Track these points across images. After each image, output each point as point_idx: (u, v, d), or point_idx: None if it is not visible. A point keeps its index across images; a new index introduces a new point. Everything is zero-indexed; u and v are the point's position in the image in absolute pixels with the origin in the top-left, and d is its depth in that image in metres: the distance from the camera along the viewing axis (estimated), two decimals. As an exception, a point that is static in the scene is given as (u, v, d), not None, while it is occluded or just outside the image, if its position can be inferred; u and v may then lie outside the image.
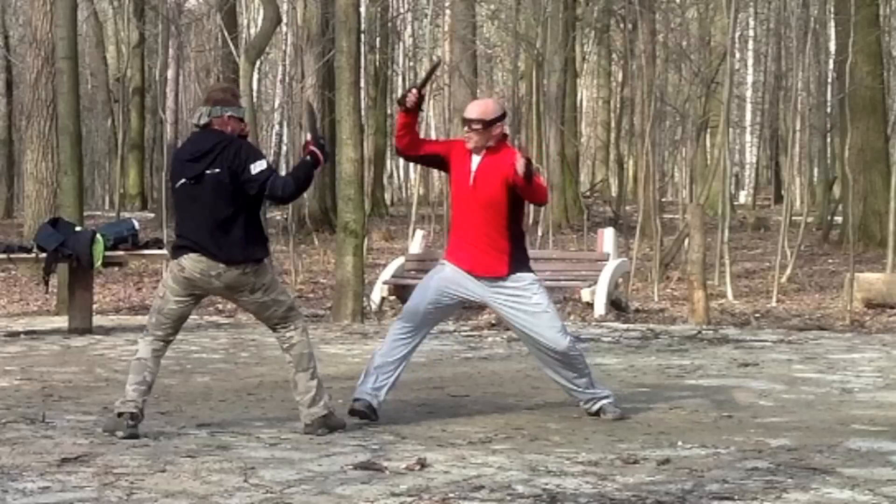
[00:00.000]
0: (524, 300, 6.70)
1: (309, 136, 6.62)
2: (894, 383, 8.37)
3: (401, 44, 35.46)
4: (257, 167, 6.25)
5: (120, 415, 6.25)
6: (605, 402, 6.90)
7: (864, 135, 21.42)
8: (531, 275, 6.78)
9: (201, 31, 31.83)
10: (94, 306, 12.23)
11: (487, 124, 6.67)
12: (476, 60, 31.34)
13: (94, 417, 6.83)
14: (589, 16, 30.25)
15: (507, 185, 6.62)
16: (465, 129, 6.74)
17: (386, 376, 6.74)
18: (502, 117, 6.77)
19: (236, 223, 6.27)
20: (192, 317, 13.42)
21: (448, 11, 29.99)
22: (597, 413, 6.88)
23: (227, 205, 6.26)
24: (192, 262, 6.31)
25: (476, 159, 6.73)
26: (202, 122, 6.37)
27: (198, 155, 6.33)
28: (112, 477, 5.25)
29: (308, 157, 6.45)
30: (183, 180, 6.35)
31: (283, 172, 6.75)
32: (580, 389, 6.88)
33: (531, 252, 16.75)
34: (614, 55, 33.76)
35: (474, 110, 6.77)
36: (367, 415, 6.62)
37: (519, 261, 6.75)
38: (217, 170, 6.25)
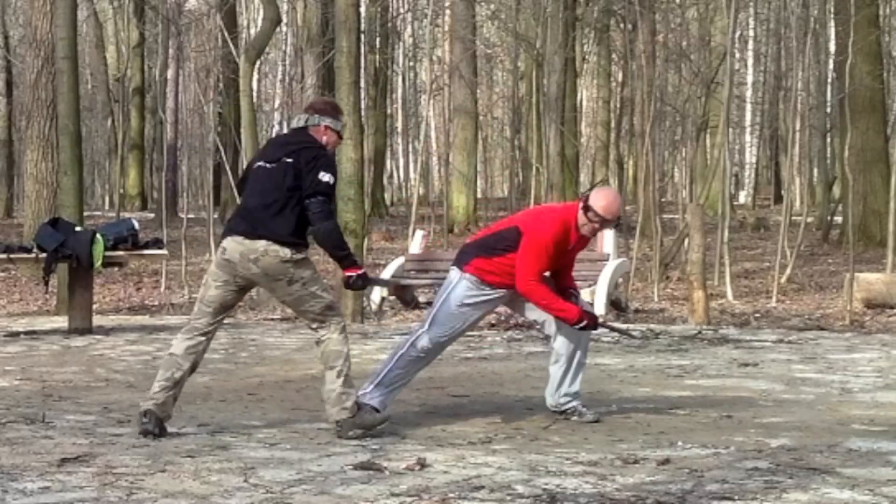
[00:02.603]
0: None
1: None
2: (894, 383, 8.37)
3: (401, 44, 35.50)
4: (325, 176, 6.34)
5: (143, 412, 6.28)
6: (576, 402, 6.87)
7: (864, 135, 21.42)
8: None
9: (201, 31, 31.82)
10: (94, 306, 12.23)
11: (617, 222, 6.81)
12: (476, 60, 31.34)
13: (94, 417, 6.83)
14: (589, 16, 30.23)
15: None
16: (597, 225, 6.67)
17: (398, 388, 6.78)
18: None
19: (291, 211, 6.31)
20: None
21: (448, 11, 30.01)
22: (564, 413, 6.84)
23: (289, 192, 6.31)
24: (233, 244, 6.34)
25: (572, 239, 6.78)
26: (299, 125, 6.56)
27: (282, 144, 6.57)
28: (112, 477, 5.25)
29: (350, 265, 6.52)
30: (260, 162, 6.49)
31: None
32: (576, 377, 6.87)
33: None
34: (614, 55, 33.75)
35: (614, 212, 6.70)
36: None
37: None
38: (290, 160, 6.37)
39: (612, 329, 7.60)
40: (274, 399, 7.63)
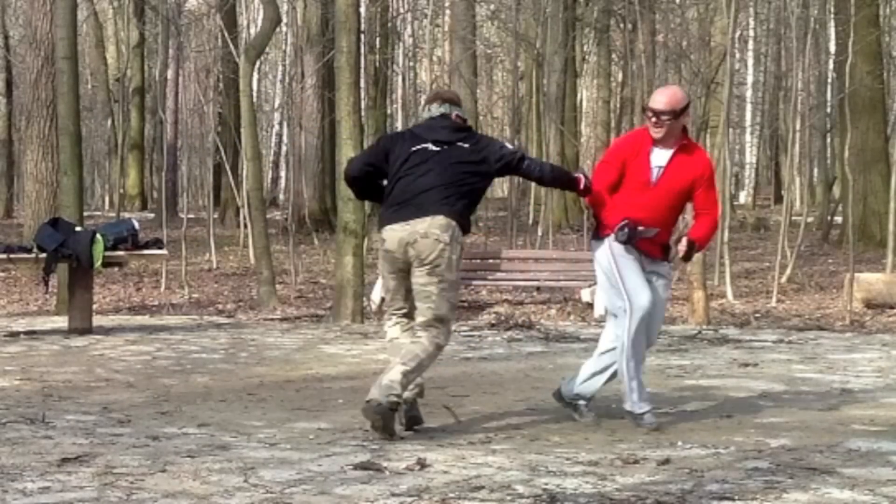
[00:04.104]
0: (663, 286, 6.74)
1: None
2: (894, 383, 8.37)
3: (401, 44, 35.46)
4: (509, 146, 6.60)
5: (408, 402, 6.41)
6: (583, 401, 6.88)
7: (864, 135, 21.42)
8: (671, 265, 6.94)
9: (201, 31, 31.85)
10: (94, 306, 12.22)
11: (678, 114, 6.51)
12: (476, 60, 31.33)
13: (94, 417, 6.83)
14: (589, 16, 30.24)
15: (689, 189, 6.61)
16: (653, 120, 6.48)
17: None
18: (689, 105, 6.63)
19: (460, 190, 6.37)
20: (191, 316, 13.48)
21: (448, 11, 30.01)
22: (568, 405, 6.85)
23: (461, 173, 6.37)
24: (392, 234, 6.38)
25: (661, 154, 6.56)
26: (439, 112, 6.56)
27: (450, 128, 6.51)
28: (112, 477, 5.25)
29: (575, 179, 6.63)
30: (425, 145, 6.45)
31: (283, 172, 6.84)
32: (600, 380, 6.84)
33: (531, 252, 16.66)
34: (614, 55, 33.74)
35: (662, 101, 6.50)
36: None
37: (668, 249, 6.80)
38: (467, 145, 6.44)
39: (645, 235, 7.21)
40: (274, 399, 7.63)
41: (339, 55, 12.73)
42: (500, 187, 44.50)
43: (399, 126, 40.50)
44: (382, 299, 14.00)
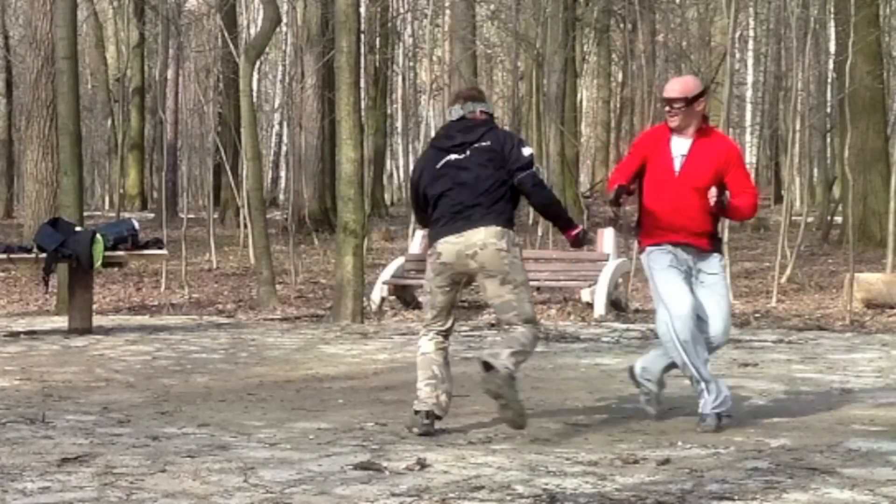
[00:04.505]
0: (716, 282, 6.68)
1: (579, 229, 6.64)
2: (894, 383, 8.37)
3: (401, 44, 35.49)
4: (528, 150, 6.50)
5: (417, 412, 6.39)
6: (653, 387, 6.86)
7: (864, 135, 21.41)
8: (721, 257, 6.84)
9: (201, 31, 31.85)
10: (94, 306, 12.22)
11: (690, 101, 6.58)
12: (476, 60, 31.32)
13: (94, 417, 6.83)
14: (589, 16, 30.27)
15: (717, 174, 6.59)
16: (667, 109, 6.60)
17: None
18: (704, 92, 6.69)
19: (501, 192, 6.36)
20: (191, 316, 13.48)
21: (448, 11, 30.01)
22: (638, 383, 6.87)
23: (494, 173, 6.36)
24: (447, 247, 6.36)
25: (681, 143, 6.62)
26: (456, 116, 6.57)
27: (465, 129, 6.50)
28: (112, 477, 5.25)
29: (571, 225, 6.58)
30: (447, 157, 6.45)
31: (283, 172, 6.81)
32: (661, 364, 6.83)
33: (531, 252, 16.66)
34: (614, 55, 33.79)
35: (675, 89, 6.64)
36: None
37: (717, 239, 6.78)
38: (487, 143, 6.42)
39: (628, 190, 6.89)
40: (274, 399, 7.63)
41: (339, 55, 12.73)
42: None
43: (399, 126, 40.58)
44: (383, 299, 14.02)
